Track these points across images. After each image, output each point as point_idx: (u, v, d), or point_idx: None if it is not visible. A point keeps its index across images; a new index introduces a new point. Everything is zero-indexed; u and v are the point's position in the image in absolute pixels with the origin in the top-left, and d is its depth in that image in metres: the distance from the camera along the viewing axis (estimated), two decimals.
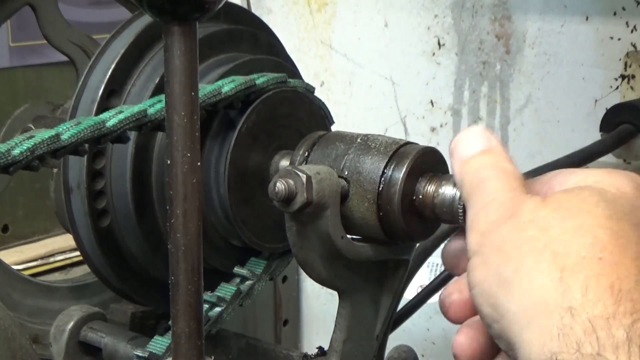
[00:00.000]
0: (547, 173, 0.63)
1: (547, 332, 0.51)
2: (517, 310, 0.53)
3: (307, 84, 0.94)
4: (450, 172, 0.77)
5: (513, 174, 0.61)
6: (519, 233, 0.55)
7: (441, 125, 1.55)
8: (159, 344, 0.86)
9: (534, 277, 0.53)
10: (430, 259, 1.10)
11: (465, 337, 0.64)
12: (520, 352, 0.53)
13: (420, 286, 1.16)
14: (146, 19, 0.90)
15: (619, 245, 0.53)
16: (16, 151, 0.72)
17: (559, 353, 0.50)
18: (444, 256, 0.70)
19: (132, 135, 0.84)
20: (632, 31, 1.33)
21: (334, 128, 0.92)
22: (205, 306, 0.88)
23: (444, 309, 0.68)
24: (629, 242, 0.53)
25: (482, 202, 0.60)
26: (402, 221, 0.75)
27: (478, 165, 0.62)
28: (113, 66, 0.88)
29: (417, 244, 0.85)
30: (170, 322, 0.64)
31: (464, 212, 0.64)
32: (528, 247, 0.54)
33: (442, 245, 0.71)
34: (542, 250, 0.54)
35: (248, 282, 0.91)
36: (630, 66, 1.32)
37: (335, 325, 0.81)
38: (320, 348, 0.89)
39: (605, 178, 0.58)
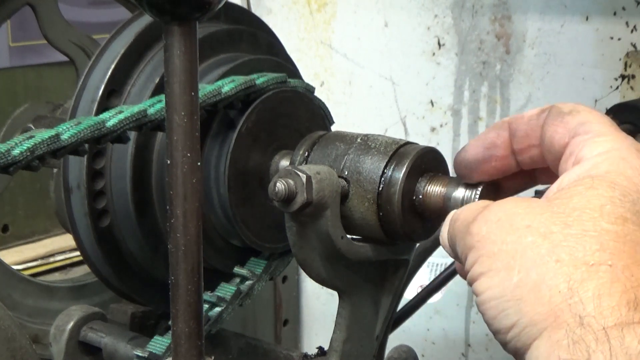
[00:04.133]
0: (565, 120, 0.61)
1: (557, 342, 0.50)
2: (525, 323, 0.52)
3: (307, 84, 0.94)
4: (451, 173, 0.77)
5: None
6: (519, 240, 0.53)
7: (441, 125, 1.55)
8: (159, 344, 0.86)
9: (541, 288, 0.51)
10: (430, 259, 1.10)
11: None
12: (527, 346, 0.52)
13: (420, 286, 1.16)
14: (146, 19, 0.90)
15: (627, 250, 0.51)
16: (16, 151, 0.72)
17: None
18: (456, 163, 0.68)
19: (132, 135, 0.84)
20: (632, 31, 1.33)
21: (334, 128, 0.92)
22: (205, 306, 0.88)
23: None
24: (637, 245, 0.52)
25: (479, 206, 0.59)
26: (402, 221, 0.75)
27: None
28: (113, 66, 0.88)
29: (417, 244, 0.85)
30: (170, 322, 0.64)
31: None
32: (530, 255, 0.53)
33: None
34: (546, 259, 0.52)
35: (248, 282, 0.91)
36: (630, 66, 1.32)
37: (335, 325, 0.81)
38: (320, 348, 0.89)
39: (618, 166, 0.55)
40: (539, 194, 0.93)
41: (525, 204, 0.56)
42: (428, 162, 0.76)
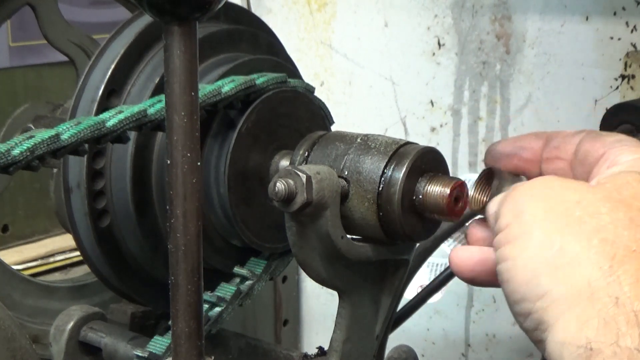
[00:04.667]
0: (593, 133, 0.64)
1: (588, 319, 0.50)
2: (559, 294, 0.52)
3: (307, 84, 0.94)
4: (451, 173, 0.78)
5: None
6: (566, 212, 0.54)
7: (441, 125, 1.55)
8: (159, 344, 0.86)
9: (582, 262, 0.52)
10: (430, 259, 1.10)
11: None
12: (552, 333, 0.52)
13: (420, 286, 1.16)
14: (146, 19, 0.90)
15: None
16: (16, 151, 0.72)
17: (595, 341, 0.49)
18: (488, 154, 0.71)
19: (132, 135, 0.84)
20: (632, 31, 1.33)
21: (334, 128, 0.92)
22: (205, 306, 0.88)
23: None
24: None
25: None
26: (402, 221, 0.75)
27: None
28: (113, 66, 0.88)
29: (417, 244, 0.85)
30: (170, 322, 0.64)
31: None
32: (575, 229, 0.53)
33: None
34: (591, 236, 0.53)
35: (248, 282, 0.91)
36: (630, 66, 1.32)
37: (335, 325, 0.81)
38: (320, 348, 0.89)
39: None
40: None
41: (577, 183, 0.58)
42: (428, 162, 0.76)
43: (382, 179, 0.75)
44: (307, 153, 0.81)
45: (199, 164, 0.61)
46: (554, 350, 0.52)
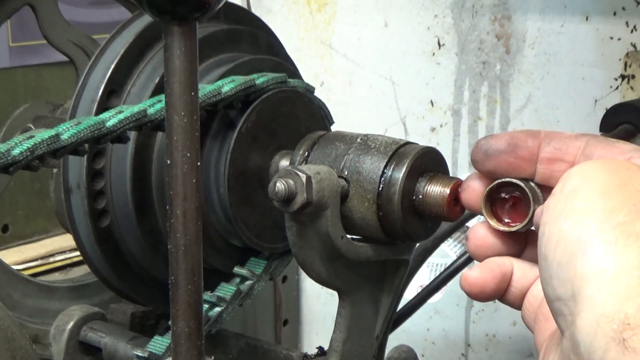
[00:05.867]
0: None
1: (631, 297, 0.49)
2: (609, 266, 0.51)
3: (307, 84, 0.94)
4: (451, 173, 0.77)
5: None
6: (637, 193, 0.54)
7: (441, 125, 1.55)
8: (159, 344, 0.86)
9: None
10: (430, 259, 1.10)
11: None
12: (590, 304, 0.51)
13: (420, 286, 1.16)
14: (146, 19, 0.90)
15: None
16: (16, 151, 0.72)
17: (633, 317, 0.48)
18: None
19: (132, 135, 0.84)
20: (632, 31, 1.33)
21: (334, 128, 0.92)
22: (205, 306, 0.88)
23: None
24: None
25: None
26: (402, 221, 0.75)
27: None
28: (113, 66, 0.88)
29: (417, 244, 0.85)
30: (170, 322, 0.64)
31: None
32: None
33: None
34: None
35: (248, 282, 0.91)
36: (630, 66, 1.32)
37: (335, 325, 0.81)
38: (320, 348, 0.89)
39: None
40: None
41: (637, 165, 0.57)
42: (428, 162, 0.76)
43: (382, 179, 0.75)
44: (307, 153, 0.81)
45: (199, 164, 0.61)
46: (588, 322, 0.51)
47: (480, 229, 0.69)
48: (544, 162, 0.67)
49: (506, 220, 0.68)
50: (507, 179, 0.68)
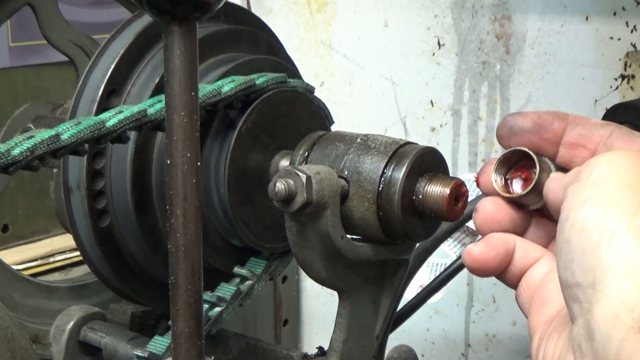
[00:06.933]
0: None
1: None
2: (635, 257, 0.51)
3: (307, 84, 0.94)
4: (451, 173, 0.77)
5: None
6: None
7: (441, 125, 1.55)
8: (159, 344, 0.86)
9: None
10: (430, 259, 1.10)
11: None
12: (612, 293, 0.51)
13: (420, 286, 1.16)
14: (146, 19, 0.90)
15: None
16: (16, 151, 0.72)
17: None
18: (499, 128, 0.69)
19: (132, 135, 0.84)
20: (632, 31, 1.33)
21: (334, 128, 0.92)
22: (205, 306, 0.88)
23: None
24: None
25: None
26: (402, 221, 0.75)
27: None
28: (113, 66, 0.88)
29: (417, 244, 0.85)
30: (170, 322, 0.64)
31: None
32: None
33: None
34: None
35: (248, 282, 0.91)
36: (630, 66, 1.32)
37: (335, 325, 0.81)
38: (320, 348, 0.89)
39: None
40: None
41: None
42: (428, 162, 0.76)
43: (382, 179, 0.75)
44: (307, 153, 0.81)
45: (199, 164, 0.61)
46: (606, 310, 0.51)
47: (489, 203, 0.68)
48: (566, 146, 0.67)
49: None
50: (519, 148, 0.68)
